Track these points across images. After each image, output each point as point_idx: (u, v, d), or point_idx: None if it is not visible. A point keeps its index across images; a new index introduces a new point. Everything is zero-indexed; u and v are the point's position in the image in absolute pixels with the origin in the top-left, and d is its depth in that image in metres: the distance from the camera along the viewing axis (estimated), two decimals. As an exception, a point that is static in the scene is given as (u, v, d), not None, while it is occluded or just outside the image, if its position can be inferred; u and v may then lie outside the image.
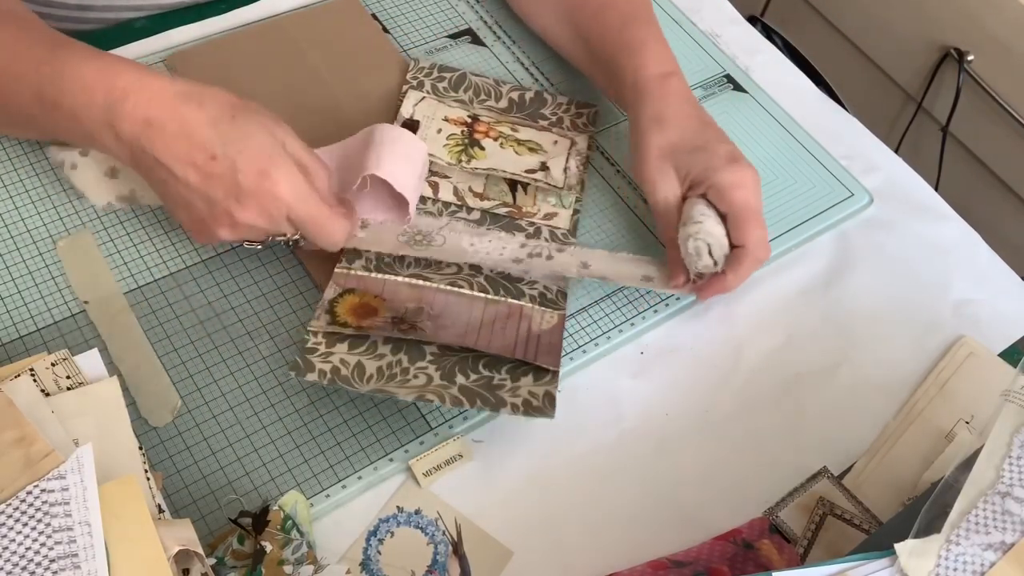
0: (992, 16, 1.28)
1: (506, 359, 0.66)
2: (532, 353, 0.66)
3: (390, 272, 0.70)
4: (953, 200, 0.85)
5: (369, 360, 0.64)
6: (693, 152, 0.71)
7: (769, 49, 0.95)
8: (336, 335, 0.65)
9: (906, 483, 0.67)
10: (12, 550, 0.46)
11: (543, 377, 0.65)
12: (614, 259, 0.75)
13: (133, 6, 0.85)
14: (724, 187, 0.69)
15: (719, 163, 0.70)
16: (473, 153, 0.78)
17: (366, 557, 0.60)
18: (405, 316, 0.67)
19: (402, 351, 0.65)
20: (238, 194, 0.63)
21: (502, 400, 0.63)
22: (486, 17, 0.91)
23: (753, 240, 0.69)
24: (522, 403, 0.63)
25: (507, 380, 0.65)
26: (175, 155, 0.62)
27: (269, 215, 0.64)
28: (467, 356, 0.66)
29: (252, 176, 0.63)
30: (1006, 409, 0.54)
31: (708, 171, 0.70)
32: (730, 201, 0.69)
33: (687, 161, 0.71)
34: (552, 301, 0.71)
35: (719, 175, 0.69)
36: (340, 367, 0.63)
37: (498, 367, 0.65)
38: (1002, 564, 0.49)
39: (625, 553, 0.62)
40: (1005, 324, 0.77)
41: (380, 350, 0.65)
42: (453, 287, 0.70)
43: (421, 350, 0.66)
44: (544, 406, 0.63)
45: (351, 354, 0.64)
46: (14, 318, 0.67)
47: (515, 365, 0.66)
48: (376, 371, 0.64)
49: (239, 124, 0.63)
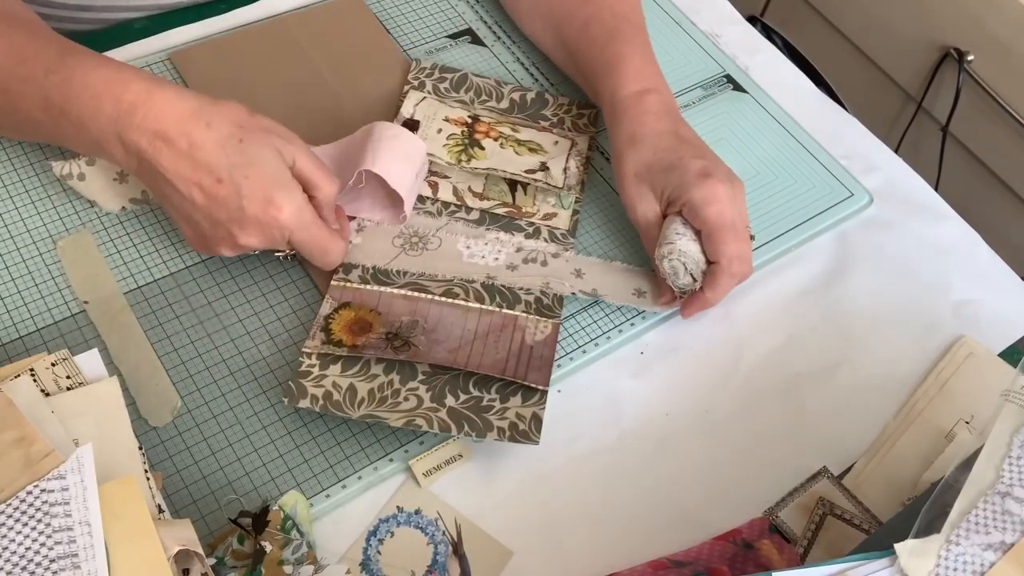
0: (992, 16, 1.28)
1: (496, 379, 0.66)
2: (523, 370, 0.66)
3: (386, 284, 0.70)
4: (953, 200, 0.85)
5: (361, 382, 0.65)
6: (667, 170, 0.71)
7: (769, 49, 0.95)
8: (330, 356, 0.66)
9: (906, 483, 0.67)
10: (12, 550, 0.46)
11: (532, 397, 0.66)
12: (608, 268, 0.75)
13: (133, 6, 0.85)
14: (696, 204, 0.68)
15: (691, 179, 0.69)
16: (473, 153, 0.78)
17: (366, 557, 0.60)
18: (399, 331, 0.67)
19: (394, 371, 0.66)
20: (241, 219, 0.63)
21: (489, 424, 0.64)
22: (486, 17, 0.91)
23: (727, 255, 0.68)
24: (508, 427, 0.64)
25: (496, 401, 0.65)
26: (181, 174, 0.63)
27: (271, 239, 0.65)
28: (458, 375, 0.66)
29: (257, 203, 0.63)
30: (1006, 409, 0.54)
31: (681, 188, 0.69)
32: (703, 218, 0.68)
33: (662, 180, 0.71)
34: (548, 307, 0.71)
35: (691, 192, 0.69)
36: (332, 391, 0.64)
37: (488, 387, 0.66)
38: (1002, 564, 0.49)
39: (625, 553, 0.62)
40: (1005, 324, 0.77)
41: (373, 370, 0.66)
42: (448, 296, 0.70)
43: (413, 369, 0.66)
44: (530, 430, 0.64)
45: (344, 376, 0.65)
46: (14, 318, 0.67)
47: (505, 384, 0.66)
48: (368, 394, 0.64)
49: (247, 147, 0.63)
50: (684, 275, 0.69)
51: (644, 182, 0.72)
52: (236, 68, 0.82)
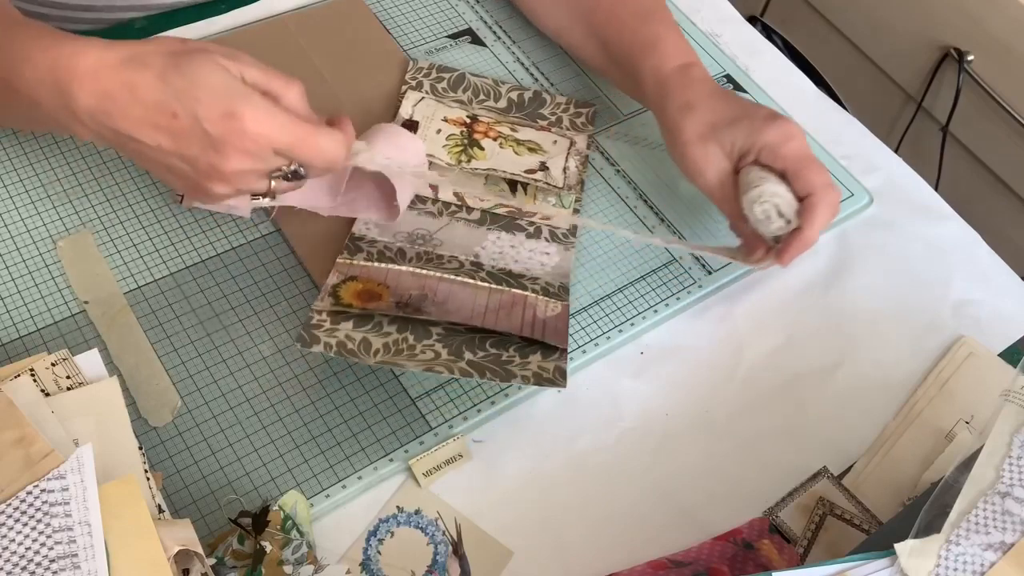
0: (992, 16, 1.28)
1: (514, 338, 0.65)
2: (539, 333, 0.66)
3: (392, 263, 0.70)
4: (953, 200, 0.85)
5: (375, 337, 0.64)
6: (732, 124, 0.71)
7: (769, 49, 0.95)
8: (341, 314, 0.65)
9: (906, 483, 0.67)
10: (12, 550, 0.46)
11: (552, 355, 0.65)
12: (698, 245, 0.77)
13: (133, 6, 0.85)
14: (774, 144, 0.68)
15: (761, 124, 0.69)
16: (473, 153, 0.78)
17: (366, 557, 0.60)
18: (410, 301, 0.67)
19: (408, 330, 0.65)
20: (213, 144, 0.58)
21: (512, 372, 0.63)
22: (486, 17, 0.91)
23: (819, 184, 0.67)
24: (532, 375, 0.63)
25: (515, 356, 0.64)
26: (136, 123, 0.59)
27: (252, 155, 0.59)
28: (474, 336, 0.65)
29: (218, 122, 0.58)
30: (1006, 409, 0.54)
31: (752, 135, 0.69)
32: (784, 156, 0.68)
33: (730, 134, 0.70)
34: (555, 294, 0.71)
35: (765, 135, 0.69)
36: (346, 341, 0.63)
37: (506, 345, 0.65)
38: (1002, 564, 0.49)
39: (625, 553, 0.62)
40: (1005, 324, 0.77)
41: (386, 328, 0.65)
42: (456, 277, 0.70)
43: (427, 330, 0.65)
44: (555, 377, 0.63)
45: (356, 331, 0.64)
46: (14, 318, 0.67)
47: (523, 344, 0.65)
48: (383, 347, 0.63)
49: (187, 72, 0.58)
50: (777, 218, 0.67)
51: (710, 141, 0.71)
52: (236, 68, 0.82)
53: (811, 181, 0.67)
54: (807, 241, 0.68)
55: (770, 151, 0.68)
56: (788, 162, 0.68)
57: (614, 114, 0.86)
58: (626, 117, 0.86)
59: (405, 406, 0.66)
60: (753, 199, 0.67)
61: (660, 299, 0.74)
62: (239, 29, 0.86)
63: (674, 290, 0.75)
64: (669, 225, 0.79)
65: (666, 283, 0.75)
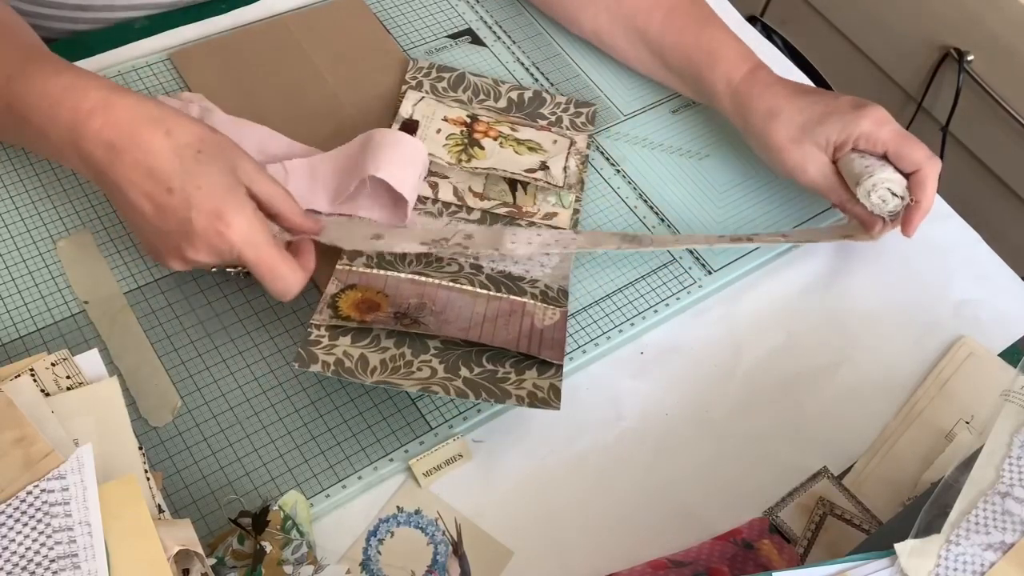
0: (992, 16, 1.28)
1: (510, 353, 0.66)
2: (536, 347, 0.66)
3: (392, 269, 0.70)
4: (953, 200, 0.85)
5: (372, 353, 0.64)
6: (822, 121, 0.74)
7: (769, 49, 0.95)
8: (339, 328, 0.65)
9: (906, 483, 0.67)
10: (12, 550, 0.46)
11: (547, 371, 0.65)
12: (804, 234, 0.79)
13: (133, 6, 0.85)
14: (870, 130, 0.73)
15: (851, 116, 0.73)
16: (473, 153, 0.78)
17: (366, 557, 0.60)
18: (408, 311, 0.67)
19: (405, 345, 0.65)
20: (189, 232, 0.61)
21: (507, 392, 0.63)
22: (486, 17, 0.91)
23: (924, 159, 0.72)
24: (527, 395, 0.63)
25: (511, 374, 0.65)
26: (132, 182, 0.60)
27: (219, 254, 0.62)
28: (471, 350, 0.66)
29: (205, 216, 0.60)
30: (1006, 409, 0.54)
31: (845, 127, 0.73)
32: (884, 139, 0.72)
33: (823, 131, 0.74)
34: (553, 299, 0.71)
35: (859, 124, 0.73)
36: (344, 359, 0.64)
37: (502, 361, 0.65)
38: (1002, 564, 0.49)
39: (625, 553, 0.62)
40: (1005, 324, 0.77)
41: (383, 343, 0.65)
42: (455, 284, 0.70)
43: (424, 344, 0.66)
44: (549, 398, 0.63)
45: (354, 347, 0.65)
46: (14, 318, 0.67)
47: (519, 359, 0.66)
48: (380, 363, 0.64)
49: (203, 159, 0.61)
50: (892, 199, 0.72)
51: (805, 142, 0.75)
52: (236, 68, 0.82)
53: (915, 158, 0.72)
54: (926, 209, 0.73)
55: (867, 139, 0.73)
56: (889, 145, 0.73)
57: (614, 114, 0.86)
58: (626, 117, 0.86)
59: (405, 406, 0.66)
60: (868, 189, 0.72)
61: (660, 299, 0.74)
62: (239, 29, 0.86)
63: (674, 290, 0.75)
64: (669, 225, 0.79)
65: (666, 283, 0.75)
